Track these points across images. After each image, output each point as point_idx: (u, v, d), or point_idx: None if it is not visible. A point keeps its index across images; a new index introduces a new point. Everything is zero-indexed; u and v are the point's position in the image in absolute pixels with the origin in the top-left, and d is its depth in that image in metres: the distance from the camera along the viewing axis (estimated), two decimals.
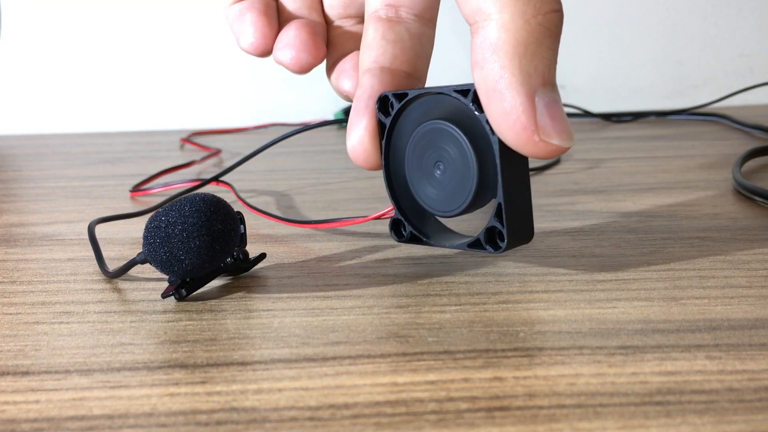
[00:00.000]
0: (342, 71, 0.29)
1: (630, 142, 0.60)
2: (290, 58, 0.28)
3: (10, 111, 0.86)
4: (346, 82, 0.29)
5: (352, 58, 0.29)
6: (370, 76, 0.27)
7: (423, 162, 0.26)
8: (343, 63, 0.29)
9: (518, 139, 0.22)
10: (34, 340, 0.23)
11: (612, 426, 0.17)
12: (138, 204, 0.43)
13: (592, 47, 0.84)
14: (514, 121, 0.22)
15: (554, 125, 0.22)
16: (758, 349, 0.20)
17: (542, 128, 0.22)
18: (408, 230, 0.28)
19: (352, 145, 0.28)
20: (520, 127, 0.22)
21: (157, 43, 0.85)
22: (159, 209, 0.26)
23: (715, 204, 0.36)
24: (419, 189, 0.27)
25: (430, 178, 0.26)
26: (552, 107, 0.22)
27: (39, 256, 0.32)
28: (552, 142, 0.22)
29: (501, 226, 0.25)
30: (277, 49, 0.29)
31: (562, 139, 0.22)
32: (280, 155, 0.59)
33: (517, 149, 0.23)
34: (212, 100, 0.86)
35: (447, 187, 0.26)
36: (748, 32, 0.84)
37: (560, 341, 0.21)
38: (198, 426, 0.18)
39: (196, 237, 0.25)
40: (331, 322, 0.23)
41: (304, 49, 0.28)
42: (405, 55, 0.27)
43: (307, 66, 0.29)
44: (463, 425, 0.17)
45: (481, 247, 0.26)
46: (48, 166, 0.60)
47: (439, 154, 0.26)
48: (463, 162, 0.25)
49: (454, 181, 0.25)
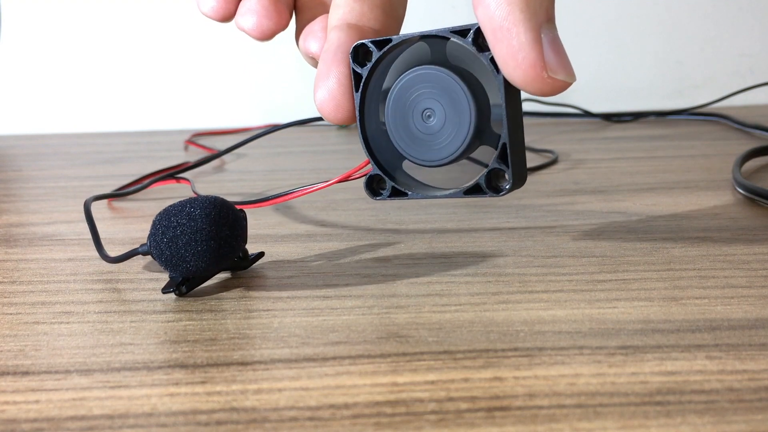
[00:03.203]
0: (310, 32, 0.29)
1: (630, 142, 0.60)
2: (252, 24, 0.28)
3: (10, 111, 0.86)
4: (312, 43, 0.28)
5: (321, 21, 0.29)
6: (337, 31, 0.27)
7: (409, 111, 0.25)
8: (311, 25, 0.29)
9: (526, 76, 0.22)
10: (34, 340, 0.23)
11: (612, 426, 0.17)
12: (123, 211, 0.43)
13: (592, 47, 0.84)
14: (522, 58, 0.22)
15: (559, 60, 0.22)
16: (758, 349, 0.20)
17: (549, 64, 0.22)
18: (389, 185, 0.27)
19: (321, 98, 0.27)
20: (529, 64, 0.22)
21: (156, 43, 0.85)
22: (169, 206, 0.26)
23: (715, 204, 0.36)
24: (403, 140, 0.26)
25: (419, 128, 0.25)
26: (556, 43, 0.22)
27: (39, 256, 0.32)
28: (558, 77, 0.22)
29: (506, 168, 0.24)
30: (239, 15, 0.28)
31: (567, 74, 0.22)
32: (280, 155, 0.59)
33: (524, 87, 0.23)
34: (212, 100, 0.86)
35: (438, 134, 0.25)
36: (748, 32, 0.84)
37: (560, 341, 0.21)
38: (198, 426, 0.18)
39: (203, 242, 0.25)
40: (331, 322, 0.23)
41: (266, 15, 0.28)
42: (372, 13, 0.27)
43: (269, 32, 0.28)
44: (463, 425, 0.17)
45: (480, 192, 0.25)
46: (48, 166, 0.60)
47: (429, 101, 0.25)
48: (458, 107, 0.24)
49: (447, 129, 0.25)
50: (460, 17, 0.81)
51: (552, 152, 0.52)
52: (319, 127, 0.72)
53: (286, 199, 0.30)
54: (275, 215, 0.38)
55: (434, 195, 0.27)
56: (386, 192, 0.27)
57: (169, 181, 0.46)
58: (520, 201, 0.38)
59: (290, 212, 0.39)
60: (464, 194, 0.26)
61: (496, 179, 0.25)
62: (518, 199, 0.38)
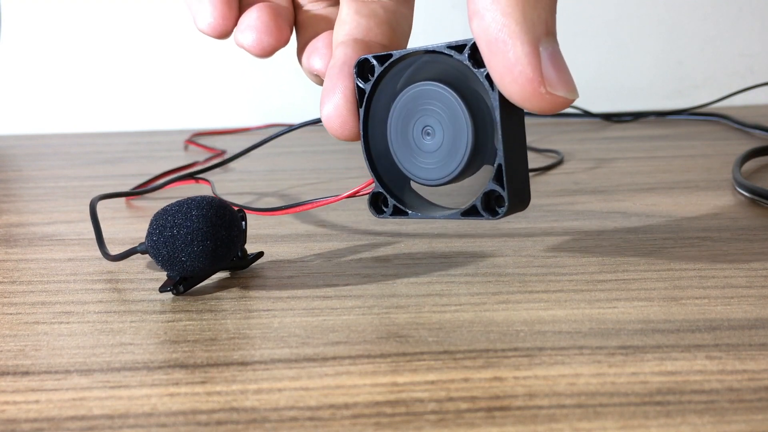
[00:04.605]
0: (313, 49, 0.28)
1: (630, 142, 0.60)
2: (252, 41, 0.27)
3: (10, 111, 0.86)
4: (316, 60, 0.28)
5: (325, 37, 0.28)
6: (344, 47, 0.26)
7: (409, 128, 0.25)
8: (314, 42, 0.28)
9: (523, 91, 0.21)
10: (34, 340, 0.23)
11: (612, 426, 0.17)
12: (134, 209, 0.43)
13: (592, 47, 0.84)
14: (519, 72, 0.21)
15: (559, 76, 0.21)
16: (758, 349, 0.20)
17: (548, 80, 0.21)
18: (391, 203, 0.27)
19: (327, 114, 0.26)
20: (526, 79, 0.21)
21: (156, 43, 0.85)
22: (167, 206, 0.26)
23: (715, 204, 0.36)
24: (404, 158, 0.26)
25: (418, 145, 0.25)
26: (556, 58, 0.21)
27: (39, 256, 0.32)
28: (558, 93, 0.21)
29: (501, 189, 0.24)
30: (238, 32, 0.28)
31: (567, 90, 0.21)
32: (280, 155, 0.59)
33: (521, 103, 0.22)
34: (213, 100, 0.86)
35: (437, 153, 0.25)
36: (748, 32, 0.84)
37: (560, 341, 0.21)
38: (198, 426, 0.18)
39: (200, 242, 0.25)
40: (331, 322, 0.23)
41: (266, 32, 0.27)
42: (379, 28, 0.26)
43: (269, 49, 0.28)
44: (463, 425, 0.17)
45: (477, 215, 0.24)
46: (48, 166, 0.60)
47: (429, 118, 0.25)
48: (456, 125, 0.24)
49: (445, 147, 0.24)
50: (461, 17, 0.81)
51: (558, 152, 0.52)
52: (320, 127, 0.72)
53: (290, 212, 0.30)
54: (275, 215, 0.38)
55: (433, 216, 0.26)
56: (389, 210, 0.27)
57: (188, 181, 0.46)
58: None
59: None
60: (461, 216, 0.25)
61: (492, 202, 0.24)
62: None
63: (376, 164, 0.27)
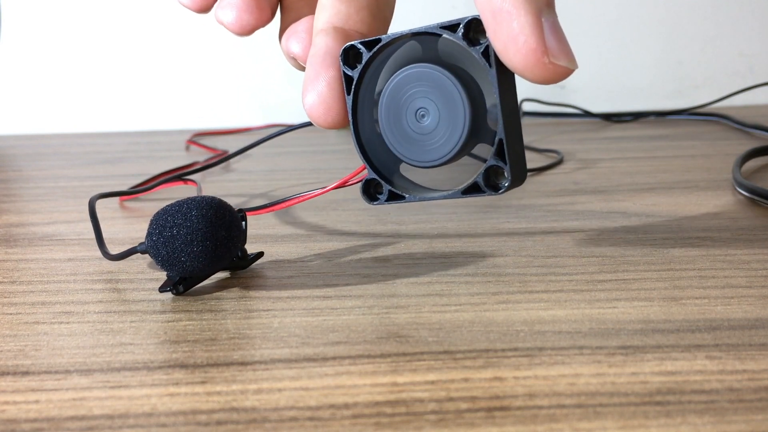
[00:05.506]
0: (293, 32, 0.28)
1: (630, 142, 0.60)
2: (231, 18, 0.27)
3: (10, 111, 0.86)
4: (294, 44, 0.28)
5: (306, 21, 0.28)
6: (323, 35, 0.26)
7: (403, 112, 0.25)
8: (295, 25, 0.28)
9: (527, 61, 0.22)
10: (34, 340, 0.23)
11: (612, 426, 0.17)
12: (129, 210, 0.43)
13: (592, 47, 0.84)
14: (523, 42, 0.21)
15: (560, 46, 0.22)
16: (758, 349, 0.20)
17: (550, 49, 0.22)
18: (385, 189, 0.27)
19: (311, 102, 0.26)
20: (529, 49, 0.21)
21: (156, 43, 0.85)
22: (167, 206, 0.26)
23: (715, 204, 0.36)
24: (398, 142, 0.26)
25: (413, 128, 0.25)
26: (556, 28, 0.22)
27: (39, 256, 0.32)
28: (560, 63, 0.22)
29: (503, 164, 0.24)
30: (218, 8, 0.28)
31: (568, 60, 0.22)
32: (280, 155, 0.59)
33: (524, 73, 0.22)
34: (213, 100, 0.86)
35: (433, 135, 0.25)
36: (748, 32, 0.84)
37: (560, 341, 0.21)
38: (198, 426, 0.18)
39: (199, 242, 0.25)
40: (331, 322, 0.23)
41: (246, 10, 0.27)
42: (359, 15, 0.26)
43: (248, 27, 0.27)
44: (463, 425, 0.17)
45: (479, 191, 0.25)
46: (48, 166, 0.60)
47: (422, 100, 0.25)
48: (451, 105, 0.24)
49: (441, 127, 0.24)
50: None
51: (557, 152, 0.52)
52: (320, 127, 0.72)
53: (281, 207, 0.30)
54: (275, 215, 0.38)
55: (432, 197, 0.26)
56: (383, 196, 0.27)
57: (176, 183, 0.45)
58: (520, 201, 0.38)
59: (289, 212, 0.39)
60: (462, 194, 0.25)
61: (494, 177, 0.25)
62: (518, 199, 0.38)
63: (367, 151, 0.27)
